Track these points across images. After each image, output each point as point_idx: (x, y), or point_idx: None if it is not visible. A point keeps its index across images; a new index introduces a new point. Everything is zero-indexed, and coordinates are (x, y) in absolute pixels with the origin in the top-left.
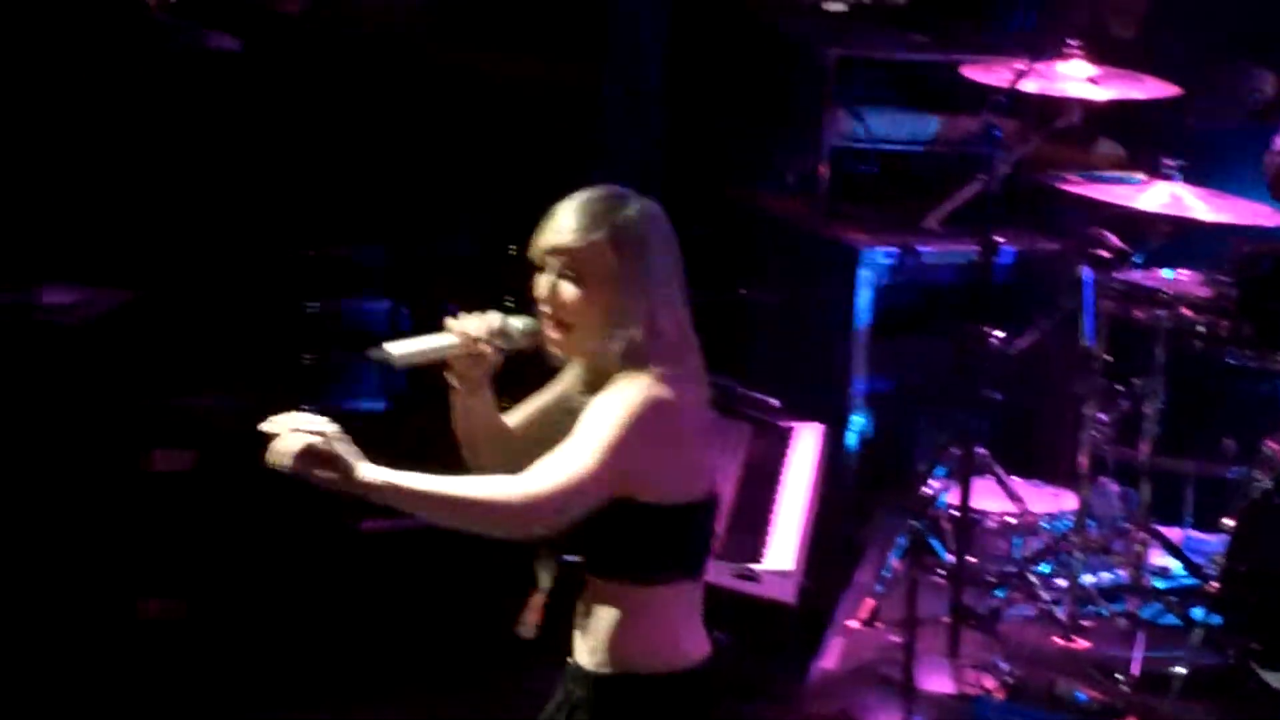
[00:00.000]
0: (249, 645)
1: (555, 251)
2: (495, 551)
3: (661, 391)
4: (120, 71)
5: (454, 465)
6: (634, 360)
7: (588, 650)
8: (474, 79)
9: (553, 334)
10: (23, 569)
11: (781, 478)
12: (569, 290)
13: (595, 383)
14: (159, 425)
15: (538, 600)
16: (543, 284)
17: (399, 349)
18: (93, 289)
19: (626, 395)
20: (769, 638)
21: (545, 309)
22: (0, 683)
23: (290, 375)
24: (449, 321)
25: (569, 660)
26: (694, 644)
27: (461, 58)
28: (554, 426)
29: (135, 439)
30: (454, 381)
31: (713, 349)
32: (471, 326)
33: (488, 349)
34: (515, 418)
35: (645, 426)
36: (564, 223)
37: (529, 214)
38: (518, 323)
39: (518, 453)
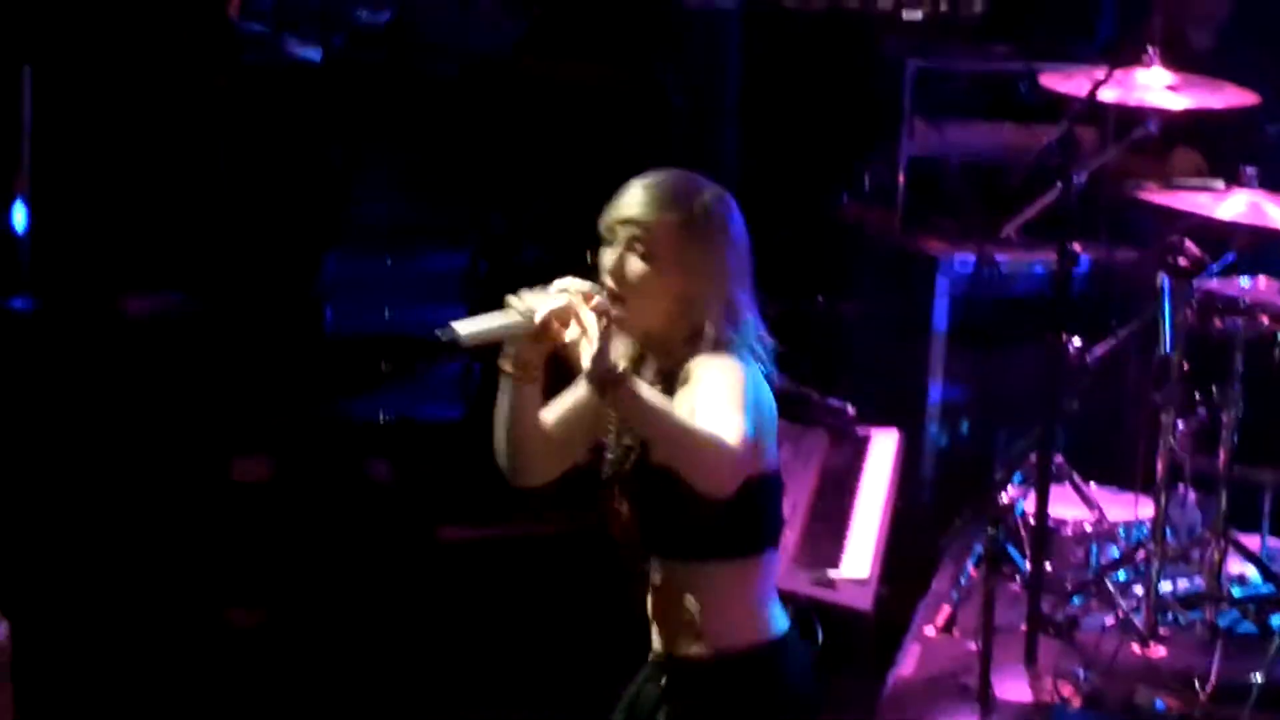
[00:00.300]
0: (329, 654)
1: (625, 223)
2: (571, 561)
3: (738, 360)
4: (203, 80)
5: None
6: (708, 346)
7: (688, 637)
8: (551, 88)
9: (615, 307)
10: (107, 576)
11: (858, 485)
12: (635, 264)
13: (655, 366)
14: (238, 434)
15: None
16: (609, 256)
17: (465, 327)
18: (176, 295)
19: (725, 364)
20: (846, 645)
21: (609, 281)
22: (90, 689)
23: (368, 384)
24: (511, 300)
25: (654, 654)
26: (780, 613)
27: (542, 68)
28: (589, 423)
29: (217, 447)
30: (509, 368)
31: (790, 357)
32: (536, 303)
33: (558, 326)
34: (549, 414)
35: (757, 391)
36: (637, 196)
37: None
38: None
39: (553, 455)
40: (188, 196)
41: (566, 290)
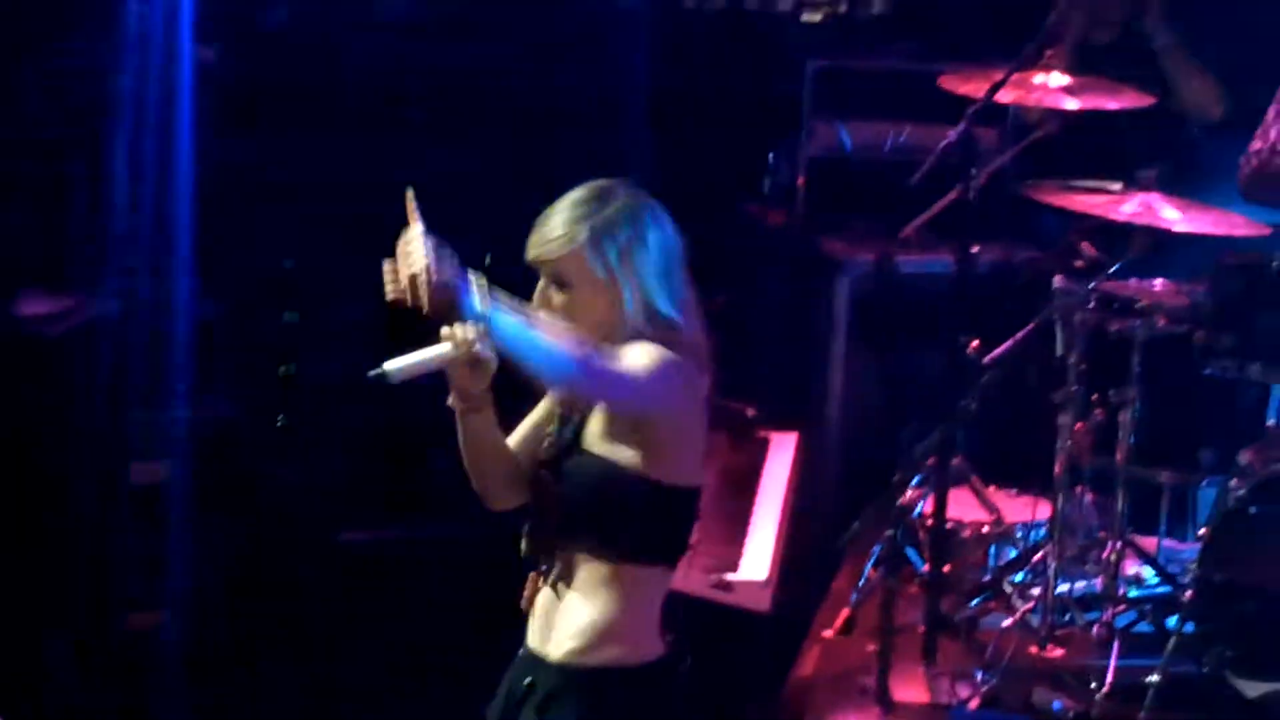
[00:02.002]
0: (228, 656)
1: (537, 260)
2: (474, 561)
3: (666, 351)
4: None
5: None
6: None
7: (566, 638)
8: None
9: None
10: (3, 581)
11: (758, 487)
12: (556, 296)
13: None
14: (134, 438)
15: (535, 578)
16: (538, 289)
17: (394, 365)
18: (72, 297)
19: (651, 347)
20: (745, 647)
21: (541, 314)
22: None
23: (266, 386)
24: (443, 331)
25: (528, 650)
26: (659, 637)
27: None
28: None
29: (114, 452)
30: (456, 402)
31: None
32: (464, 335)
33: (483, 353)
34: (515, 438)
35: (676, 373)
36: (547, 232)
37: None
38: None
39: (521, 478)
40: (79, 199)
41: (449, 340)
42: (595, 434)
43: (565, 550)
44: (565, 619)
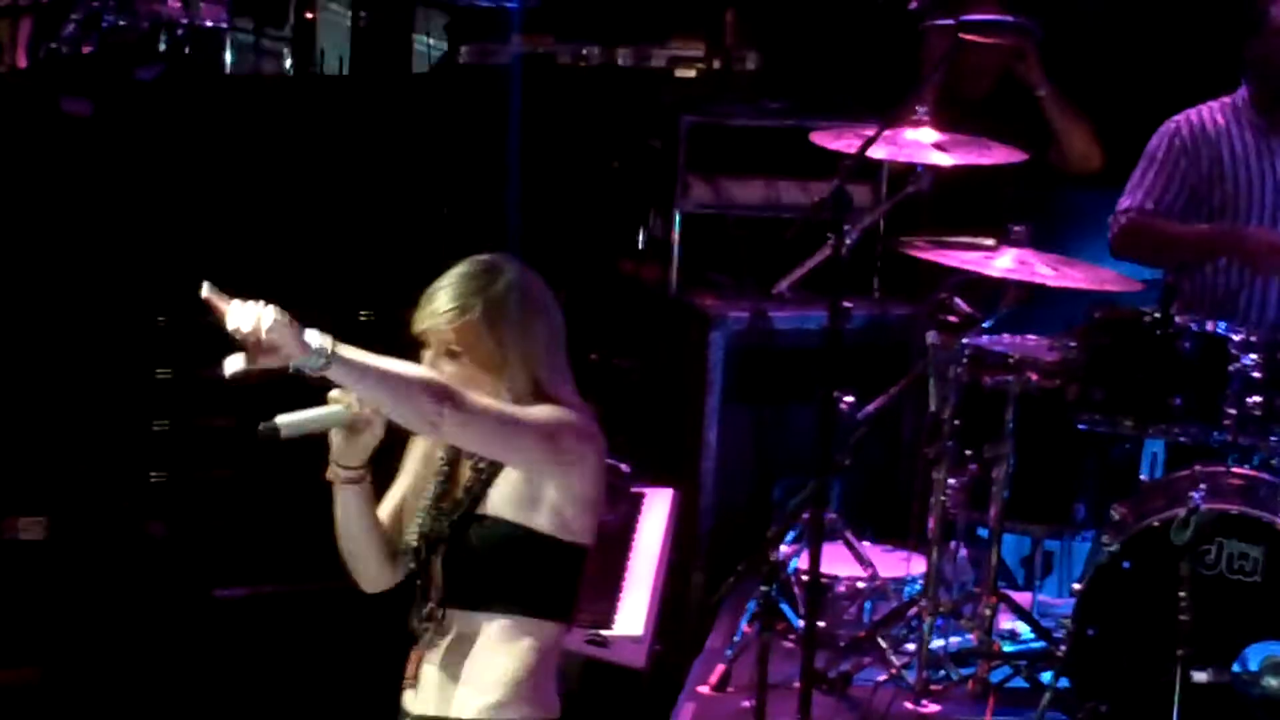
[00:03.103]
0: (104, 713)
1: (430, 333)
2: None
3: (567, 409)
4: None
5: None
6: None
7: (477, 694)
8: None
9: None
10: None
11: (633, 542)
12: (447, 366)
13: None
14: (15, 492)
15: (417, 655)
16: (426, 358)
17: (286, 420)
18: None
19: (549, 407)
20: (620, 703)
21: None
22: None
23: (142, 442)
24: (332, 394)
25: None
26: (554, 696)
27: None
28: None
29: None
30: (335, 473)
31: None
32: (354, 396)
33: (373, 416)
34: (384, 511)
35: (576, 429)
36: (437, 305)
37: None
38: None
39: (391, 553)
40: None
41: (339, 401)
42: (500, 499)
43: (469, 612)
44: (472, 677)
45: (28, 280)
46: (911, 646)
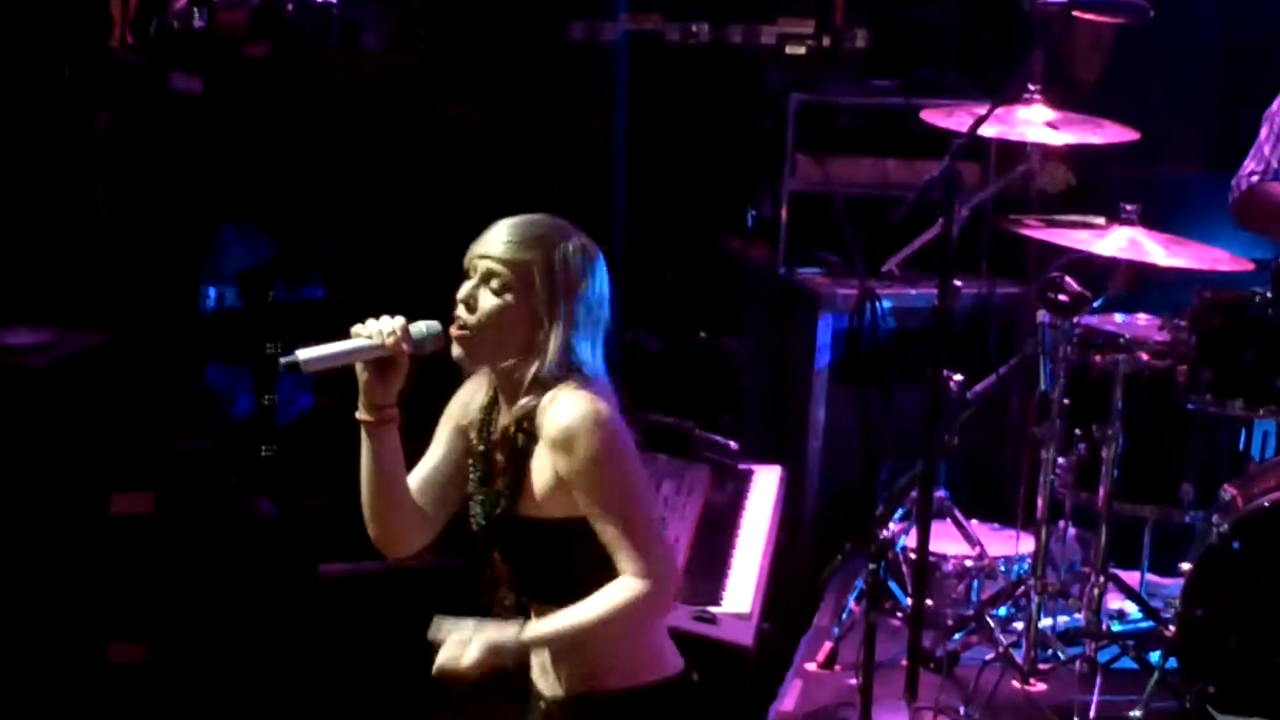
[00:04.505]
0: (212, 688)
1: (484, 257)
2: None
3: (593, 403)
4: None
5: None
6: (546, 383)
7: (559, 677)
8: (440, 126)
9: (458, 334)
10: None
11: (740, 521)
12: (488, 297)
13: (507, 411)
14: (118, 469)
15: None
16: (466, 286)
17: (307, 354)
18: (57, 330)
19: (579, 430)
20: (727, 681)
21: (460, 311)
22: None
23: (250, 417)
24: (356, 327)
25: (537, 697)
26: (673, 654)
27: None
28: (454, 480)
29: (97, 483)
30: (364, 416)
31: (674, 392)
32: (378, 328)
33: (393, 346)
34: (413, 481)
35: (621, 441)
36: (501, 234)
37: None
38: (422, 325)
39: (420, 521)
40: (64, 232)
41: (363, 335)
42: (541, 496)
43: (544, 604)
44: (563, 660)
45: (140, 264)
46: (1019, 626)
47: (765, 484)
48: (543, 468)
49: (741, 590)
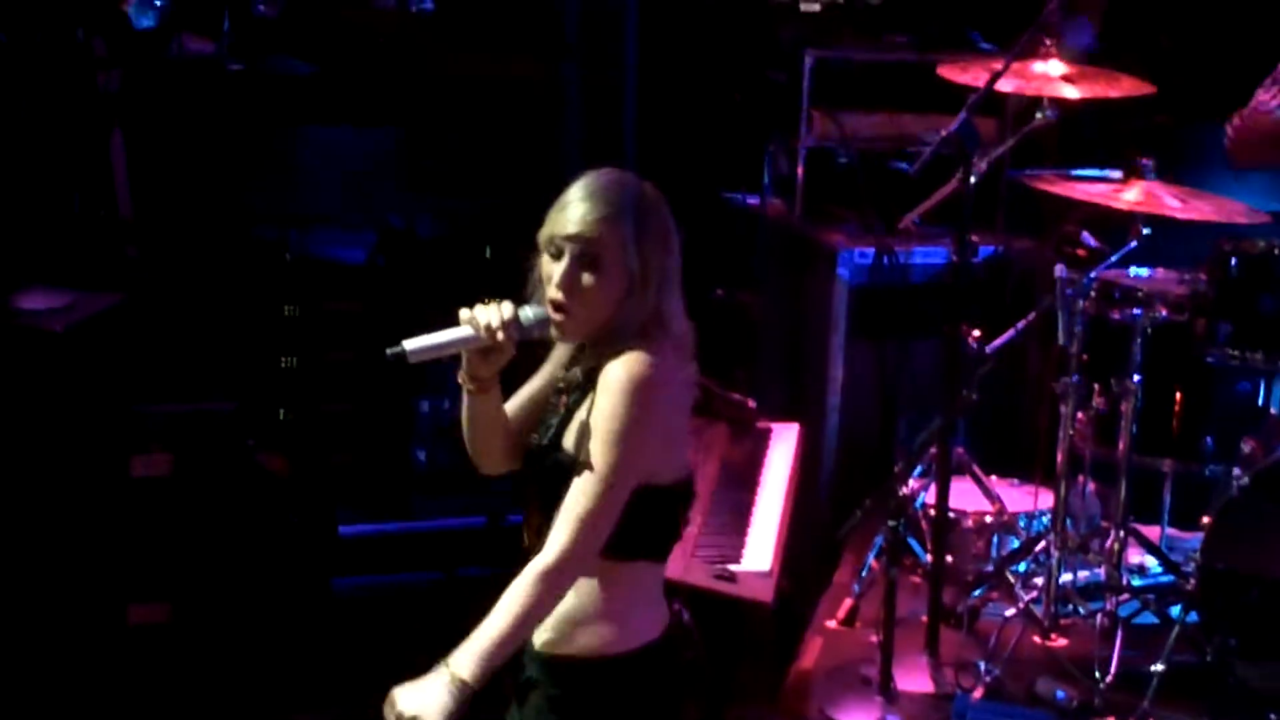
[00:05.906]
0: (233, 649)
1: (573, 238)
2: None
3: (652, 370)
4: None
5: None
6: (639, 342)
7: (545, 629)
8: (448, 81)
9: (558, 318)
10: (6, 574)
11: (759, 478)
12: (586, 277)
13: (589, 357)
14: (137, 431)
15: None
16: (556, 269)
17: (413, 344)
18: (74, 293)
19: (619, 387)
20: (747, 638)
21: (557, 295)
22: None
23: (268, 379)
24: (462, 313)
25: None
26: (649, 624)
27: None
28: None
29: (116, 445)
30: (465, 383)
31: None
32: (485, 316)
33: (503, 339)
34: (511, 406)
35: (643, 413)
36: (580, 210)
37: (500, 208)
38: (529, 311)
39: (514, 447)
40: (79, 193)
41: (470, 324)
42: (573, 438)
43: None
44: (562, 611)
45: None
46: (1039, 581)
47: (784, 441)
48: (584, 413)
49: (761, 548)
